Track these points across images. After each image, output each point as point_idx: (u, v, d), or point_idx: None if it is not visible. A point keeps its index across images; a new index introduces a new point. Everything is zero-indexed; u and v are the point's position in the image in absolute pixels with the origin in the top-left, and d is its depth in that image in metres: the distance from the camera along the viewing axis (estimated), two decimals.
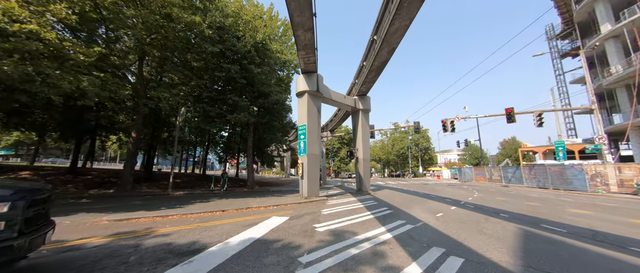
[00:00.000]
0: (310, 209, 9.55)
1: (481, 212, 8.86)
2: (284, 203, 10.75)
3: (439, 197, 13.56)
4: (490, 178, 25.56)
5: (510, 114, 18.46)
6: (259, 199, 12.24)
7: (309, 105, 13.16)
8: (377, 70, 13.47)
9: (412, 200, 12.47)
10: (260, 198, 12.86)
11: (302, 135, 13.20)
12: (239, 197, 13.30)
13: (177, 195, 14.92)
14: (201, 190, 17.60)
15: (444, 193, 15.77)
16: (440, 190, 18.36)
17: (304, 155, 12.89)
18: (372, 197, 14.18)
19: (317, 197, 12.83)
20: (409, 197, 13.67)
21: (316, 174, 13.06)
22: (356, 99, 17.23)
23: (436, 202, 11.46)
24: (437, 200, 12.43)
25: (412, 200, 12.47)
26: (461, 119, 20.86)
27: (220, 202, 10.90)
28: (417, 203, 11.28)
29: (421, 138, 57.95)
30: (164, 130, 22.39)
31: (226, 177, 18.50)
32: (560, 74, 30.21)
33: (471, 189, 19.26)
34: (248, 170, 20.70)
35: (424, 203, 11.28)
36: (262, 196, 13.95)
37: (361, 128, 17.12)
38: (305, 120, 12.95)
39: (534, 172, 19.68)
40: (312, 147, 13.00)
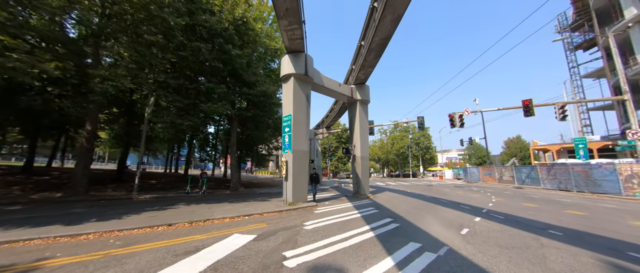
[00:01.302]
0: (290, 221, 7.26)
1: (520, 226, 6.60)
2: (260, 212, 8.45)
3: (452, 203, 11.30)
4: (500, 179, 23.38)
5: (528, 106, 16.23)
6: (232, 206, 9.93)
7: (296, 92, 10.86)
8: (378, 49, 11.19)
9: (421, 206, 10.21)
10: (235, 204, 10.56)
11: (286, 127, 10.90)
12: (211, 202, 11.01)
13: (140, 199, 12.65)
14: (175, 193, 15.30)
15: (455, 197, 13.51)
16: (449, 193, 16.11)
17: (288, 151, 10.60)
18: (371, 201, 11.92)
19: (305, 202, 10.54)
20: (415, 202, 11.42)
21: (304, 175, 10.78)
22: (353, 88, 14.95)
23: (452, 210, 9.19)
24: (451, 206, 10.16)
25: (421, 206, 10.21)
26: (471, 112, 18.63)
27: (180, 211, 8.59)
28: (428, 211, 9.01)
29: (422, 136, 55.80)
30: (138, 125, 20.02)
31: (205, 178, 16.16)
32: (574, 67, 28.05)
33: (484, 192, 17.03)
34: (231, 170, 18.38)
35: (436, 210, 9.01)
36: (240, 201, 11.66)
37: (359, 121, 14.85)
38: (291, 109, 10.66)
39: (554, 172, 17.49)
40: (299, 141, 10.71)
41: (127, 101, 17.02)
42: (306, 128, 11.23)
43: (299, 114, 10.90)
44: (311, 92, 18.04)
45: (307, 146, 11.15)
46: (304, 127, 11.12)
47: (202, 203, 10.98)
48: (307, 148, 11.16)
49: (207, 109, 13.09)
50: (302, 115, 11.06)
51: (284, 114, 11.15)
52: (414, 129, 58.47)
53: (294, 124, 10.61)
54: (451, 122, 18.80)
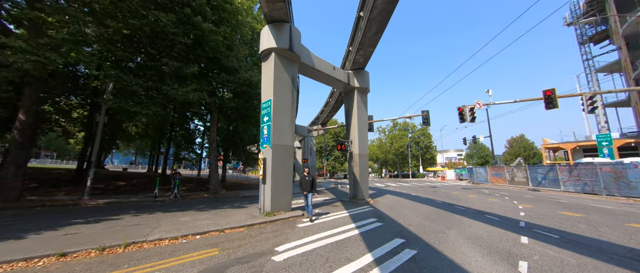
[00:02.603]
0: (257, 245, 5.00)
1: (595, 253, 4.42)
2: (221, 227, 6.18)
3: (472, 211, 9.13)
4: (511, 180, 21.35)
5: (551, 97, 14.12)
6: (193, 217, 7.66)
7: (277, 71, 8.61)
8: (380, 20, 8.97)
9: (435, 216, 8.01)
10: (200, 213, 8.29)
11: (265, 116, 8.64)
12: (173, 211, 8.76)
13: (89, 205, 10.42)
14: (141, 197, 13.00)
15: (471, 203, 11.37)
16: (460, 197, 13.98)
17: (267, 146, 8.34)
18: (371, 208, 9.71)
19: (288, 212, 8.29)
20: (426, 210, 9.22)
21: (286, 176, 8.54)
22: (350, 73, 12.73)
23: (479, 223, 6.99)
24: (474, 216, 7.98)
25: (435, 216, 8.01)
26: (483, 105, 16.52)
27: (117, 224, 6.30)
28: (448, 223, 6.81)
29: (422, 136, 53.85)
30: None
31: (177, 179, 13.85)
32: (588, 59, 26.15)
33: (500, 195, 14.93)
34: (210, 170, 16.08)
35: (458, 224, 6.80)
36: (209, 209, 9.41)
37: (356, 112, 12.64)
38: (271, 93, 8.41)
39: (577, 173, 15.44)
40: (281, 134, 8.47)
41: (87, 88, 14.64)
42: (291, 118, 8.99)
43: (281, 100, 8.64)
44: (300, 77, 15.82)
45: (291, 140, 8.91)
46: (288, 116, 8.87)
47: (159, 212, 8.73)
48: (292, 142, 8.92)
49: (174, 93, 10.75)
50: (285, 101, 8.80)
51: (263, 100, 8.88)
52: (413, 128, 56.51)
53: (274, 112, 8.35)
54: (461, 115, 16.64)
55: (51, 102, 14.55)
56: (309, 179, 7.53)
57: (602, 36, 30.22)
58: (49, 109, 14.70)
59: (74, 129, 18.10)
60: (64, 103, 15.38)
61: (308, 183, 7.48)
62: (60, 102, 15.00)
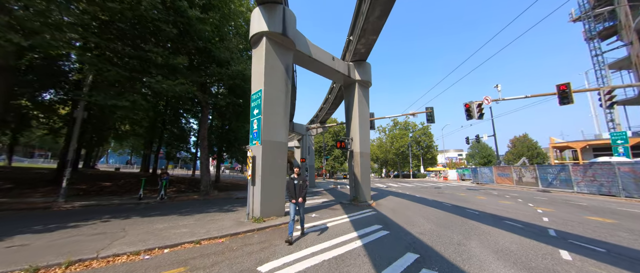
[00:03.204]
0: (236, 262, 4.02)
1: None
2: (200, 237, 5.20)
3: (488, 216, 8.16)
4: (518, 180, 20.40)
5: (565, 91, 13.16)
6: (171, 223, 6.67)
7: (269, 58, 7.63)
8: (385, 2, 7.99)
9: (448, 222, 7.04)
10: (181, 218, 7.31)
11: (255, 108, 7.66)
12: (152, 215, 7.79)
13: (62, 208, 9.47)
14: (126, 199, 12.03)
15: (482, 206, 10.40)
16: (469, 199, 13.02)
17: (256, 143, 7.36)
18: (374, 212, 8.73)
19: (281, 217, 7.31)
20: (435, 214, 8.25)
21: (279, 177, 7.55)
22: (351, 65, 11.75)
23: (501, 232, 6.02)
24: (492, 222, 7.01)
25: (448, 222, 7.04)
26: (492, 101, 15.56)
27: (79, 232, 5.32)
28: (466, 232, 5.83)
29: (423, 135, 52.93)
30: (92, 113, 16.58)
31: (164, 180, 12.88)
32: (597, 55, 25.22)
33: (511, 197, 13.98)
34: (201, 170, 15.08)
35: (478, 232, 5.83)
36: (193, 212, 8.44)
37: (358, 108, 11.66)
38: (261, 82, 7.42)
39: (592, 173, 14.49)
40: (272, 129, 7.49)
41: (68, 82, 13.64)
42: (284, 111, 8.00)
43: (273, 90, 7.65)
44: (296, 71, 14.82)
45: (285, 136, 7.92)
46: (281, 109, 7.89)
47: (136, 216, 7.76)
48: (286, 139, 7.93)
49: (158, 86, 9.75)
50: (278, 92, 7.82)
51: (253, 91, 7.90)
52: (414, 127, 55.57)
53: (265, 104, 7.37)
54: (467, 112, 15.68)
55: (29, 97, 13.56)
56: (298, 183, 5.42)
57: (610, 32, 29.30)
58: (25, 103, 13.69)
59: (55, 125, 17.07)
60: (48, 99, 14.36)
61: (298, 189, 5.40)
62: (38, 96, 13.98)
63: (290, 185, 5.50)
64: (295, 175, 5.58)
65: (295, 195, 5.39)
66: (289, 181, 5.59)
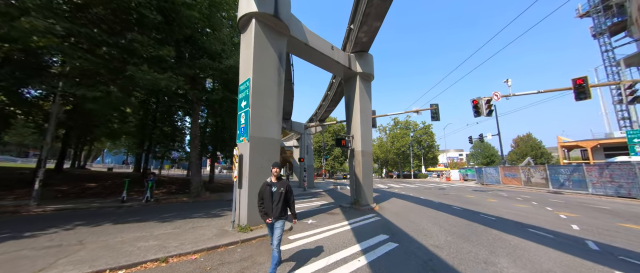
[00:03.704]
0: None
1: None
2: (167, 254, 4.26)
3: (509, 223, 7.23)
4: (527, 181, 19.48)
5: (582, 86, 12.25)
6: (145, 232, 5.75)
7: (258, 43, 6.69)
8: None
9: (464, 230, 6.10)
10: (160, 226, 6.38)
11: (243, 100, 6.72)
12: (121, 222, 6.85)
13: (32, 213, 8.58)
14: (109, 202, 11.13)
15: (496, 210, 9.47)
16: (478, 202, 12.10)
17: (244, 139, 6.42)
18: (378, 217, 7.79)
19: None
20: (447, 220, 7.31)
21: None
22: (351, 56, 10.81)
23: (533, 245, 5.08)
24: (516, 231, 6.07)
25: (464, 230, 6.10)
26: (501, 97, 14.64)
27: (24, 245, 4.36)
28: (491, 246, 4.89)
29: (424, 134, 52.01)
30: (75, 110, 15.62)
31: (150, 181, 11.98)
32: (607, 50, 24.29)
33: (523, 200, 13.06)
34: (191, 170, 14.17)
35: (506, 247, 4.88)
36: (176, 218, 7.54)
37: (359, 103, 10.72)
38: (250, 70, 6.48)
39: (609, 173, 13.56)
40: (262, 123, 6.56)
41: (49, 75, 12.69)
42: (277, 104, 7.06)
43: (263, 79, 6.72)
44: (293, 62, 13.86)
45: (277, 132, 6.98)
46: (273, 101, 6.95)
47: (108, 223, 6.85)
48: (278, 136, 7.00)
49: (141, 76, 8.79)
50: (269, 81, 6.88)
51: (241, 80, 6.96)
52: (415, 126, 54.66)
53: (254, 94, 6.43)
54: (475, 109, 14.78)
55: (6, 92, 12.61)
56: (279, 191, 3.47)
57: (619, 27, 28.41)
58: (1, 98, 12.74)
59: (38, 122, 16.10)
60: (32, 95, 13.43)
61: (276, 200, 3.42)
62: (17, 92, 13.02)
63: (265, 194, 3.45)
64: (273, 177, 3.56)
65: (271, 209, 3.36)
66: (264, 188, 3.51)
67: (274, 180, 3.57)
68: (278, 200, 3.41)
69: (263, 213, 3.45)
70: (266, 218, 3.41)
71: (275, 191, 3.47)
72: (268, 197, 3.44)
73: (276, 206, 3.39)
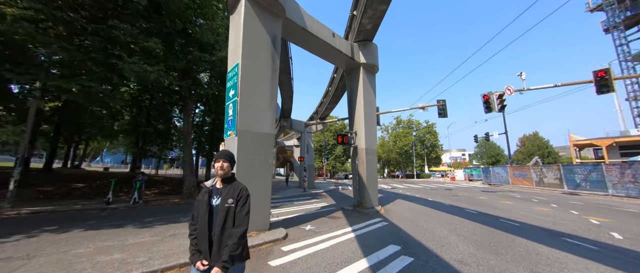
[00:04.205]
0: None
1: None
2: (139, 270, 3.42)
3: (536, 230, 6.33)
4: (539, 181, 18.51)
5: (604, 78, 11.30)
6: (119, 239, 4.96)
7: (250, 23, 5.84)
8: None
9: (487, 239, 5.22)
10: (134, 233, 5.57)
11: (231, 89, 5.87)
12: (96, 228, 6.07)
13: (4, 216, 7.83)
14: (92, 203, 10.38)
15: (516, 214, 8.57)
16: (493, 204, 11.19)
17: (231, 134, 5.57)
18: (385, 223, 6.92)
19: (262, 232, 5.51)
20: (464, 226, 6.43)
21: (262, 181, 5.76)
22: (354, 46, 9.94)
23: (579, 260, 4.19)
24: (550, 242, 5.18)
25: (487, 239, 5.22)
26: (514, 91, 13.70)
27: None
28: (527, 262, 4.01)
29: (428, 133, 50.99)
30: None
31: (139, 181, 11.22)
32: (622, 44, 23.24)
33: (540, 202, 12.14)
34: (184, 170, 13.37)
35: (545, 263, 3.99)
36: (158, 224, 6.76)
37: (362, 97, 9.85)
38: (239, 55, 5.63)
39: (632, 173, 12.60)
40: (253, 116, 5.71)
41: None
42: (270, 94, 6.20)
43: (254, 65, 5.86)
44: (289, 49, 12.98)
45: (270, 126, 6.12)
46: (266, 90, 6.09)
47: (78, 229, 6.05)
48: (272, 130, 6.14)
49: (128, 68, 7.98)
50: (261, 67, 6.02)
51: (229, 67, 6.11)
52: (418, 125, 53.64)
53: (243, 82, 5.57)
54: (486, 104, 13.85)
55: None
56: (225, 204, 1.82)
57: (633, 21, 27.32)
58: None
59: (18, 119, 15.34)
60: None
61: (218, 223, 1.79)
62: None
63: (200, 208, 1.85)
64: (218, 180, 1.98)
65: (206, 239, 1.77)
66: (200, 197, 1.90)
67: (219, 184, 1.97)
68: (222, 221, 1.79)
69: (194, 250, 1.79)
70: (197, 260, 1.74)
71: (217, 204, 1.86)
72: (203, 213, 1.82)
73: (218, 234, 1.77)
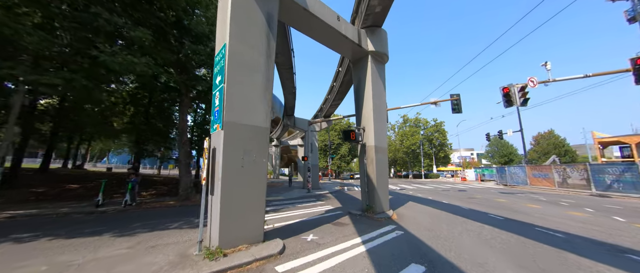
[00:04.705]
0: None
1: None
2: None
3: (589, 244, 5.26)
4: (562, 181, 17.11)
5: None
6: (91, 252, 4.07)
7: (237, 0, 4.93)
8: None
9: (532, 257, 4.18)
10: (109, 243, 4.73)
11: (218, 75, 4.98)
12: (70, 236, 5.23)
13: None
14: (82, 205, 9.70)
15: (552, 222, 7.44)
16: (517, 208, 10.03)
17: (217, 127, 4.67)
18: (401, 233, 5.92)
19: (254, 244, 4.58)
20: (499, 239, 5.38)
21: (255, 183, 4.84)
22: (362, 32, 8.95)
23: None
24: (625, 265, 4.11)
25: (532, 257, 4.18)
26: (538, 83, 12.45)
27: None
28: None
29: (436, 132, 49.44)
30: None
31: (131, 182, 10.51)
32: None
33: (571, 205, 10.92)
34: (180, 171, 12.63)
35: None
36: (142, 231, 5.94)
37: (371, 88, 8.84)
38: (226, 34, 4.73)
39: None
40: (243, 105, 4.80)
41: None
42: (264, 81, 5.28)
43: (245, 47, 4.95)
44: (291, 41, 12.03)
45: (264, 119, 5.20)
46: (260, 77, 5.18)
47: (48, 237, 5.28)
48: (266, 123, 5.22)
49: (109, 61, 7.22)
50: (253, 50, 5.11)
51: (216, 50, 5.22)
52: (426, 124, 52.09)
53: (231, 66, 4.67)
54: (506, 98, 12.65)
55: None
56: None
57: None
58: None
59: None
60: None
61: None
62: None
63: None
64: None
65: None
66: None
67: None
68: None
69: None
70: None
71: None
72: None
73: None
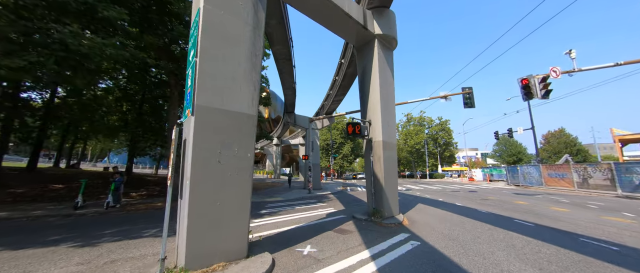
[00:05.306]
0: None
1: None
2: None
3: None
4: (582, 182, 15.91)
5: None
6: (28, 267, 3.11)
7: None
8: None
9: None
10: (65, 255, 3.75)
11: (192, 48, 4.01)
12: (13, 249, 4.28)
13: None
14: (59, 207, 8.87)
15: (593, 229, 6.38)
16: (543, 212, 8.95)
17: (188, 112, 3.70)
18: (416, 243, 4.92)
19: (235, 261, 3.60)
20: (540, 252, 4.36)
21: (237, 184, 3.88)
22: (368, 13, 7.94)
23: None
24: None
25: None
26: (561, 73, 11.32)
27: None
28: None
29: (441, 131, 48.17)
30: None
31: (115, 182, 9.66)
32: None
33: (601, 209, 9.81)
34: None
35: None
36: (106, 240, 5.06)
37: (378, 77, 7.83)
38: (201, 4, 3.75)
39: None
40: (222, 88, 3.83)
41: None
42: (249, 57, 4.31)
43: (225, 13, 3.98)
44: (289, 30, 10.99)
45: (250, 105, 4.23)
46: (243, 51, 4.20)
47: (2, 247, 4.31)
48: (253, 110, 4.25)
49: (73, 43, 6.32)
50: (235, 18, 4.13)
51: (192, 16, 4.26)
52: (430, 122, 50.85)
53: (204, 35, 3.70)
54: (526, 90, 11.54)
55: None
56: None
57: None
58: None
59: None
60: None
61: None
62: None
63: None
64: None
65: None
66: None
67: None
68: None
69: None
70: None
71: None
72: None
73: None
